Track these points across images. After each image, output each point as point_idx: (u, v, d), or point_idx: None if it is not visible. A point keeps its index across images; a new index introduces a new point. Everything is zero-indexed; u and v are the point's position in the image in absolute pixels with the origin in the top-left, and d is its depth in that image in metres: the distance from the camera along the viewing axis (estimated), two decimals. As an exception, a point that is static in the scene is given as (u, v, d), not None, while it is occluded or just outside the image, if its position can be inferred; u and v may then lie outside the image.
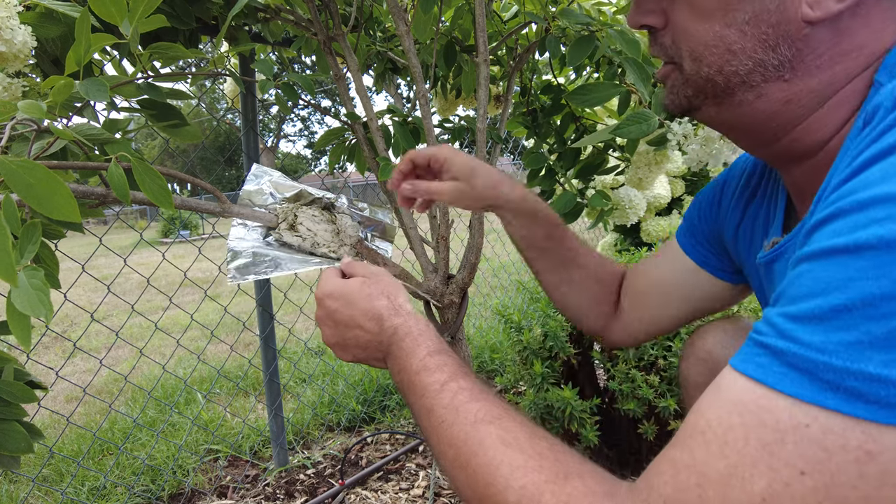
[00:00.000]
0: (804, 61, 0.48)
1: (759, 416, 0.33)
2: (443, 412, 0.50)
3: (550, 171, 1.31)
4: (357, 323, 0.64)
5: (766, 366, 0.34)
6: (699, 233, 0.80)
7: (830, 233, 0.34)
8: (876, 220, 0.31)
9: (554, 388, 1.45)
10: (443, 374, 0.53)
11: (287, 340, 3.18)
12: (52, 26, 0.78)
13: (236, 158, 22.43)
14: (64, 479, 1.77)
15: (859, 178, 0.35)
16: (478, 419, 0.47)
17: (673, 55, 0.55)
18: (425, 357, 0.56)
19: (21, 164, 0.51)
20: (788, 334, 0.34)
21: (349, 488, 1.66)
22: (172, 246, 9.52)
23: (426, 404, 0.52)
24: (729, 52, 0.50)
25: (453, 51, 1.25)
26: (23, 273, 0.52)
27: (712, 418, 0.35)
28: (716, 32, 0.50)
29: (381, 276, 0.69)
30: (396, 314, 0.63)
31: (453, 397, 0.50)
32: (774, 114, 0.51)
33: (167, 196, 0.70)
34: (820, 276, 0.33)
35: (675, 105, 0.57)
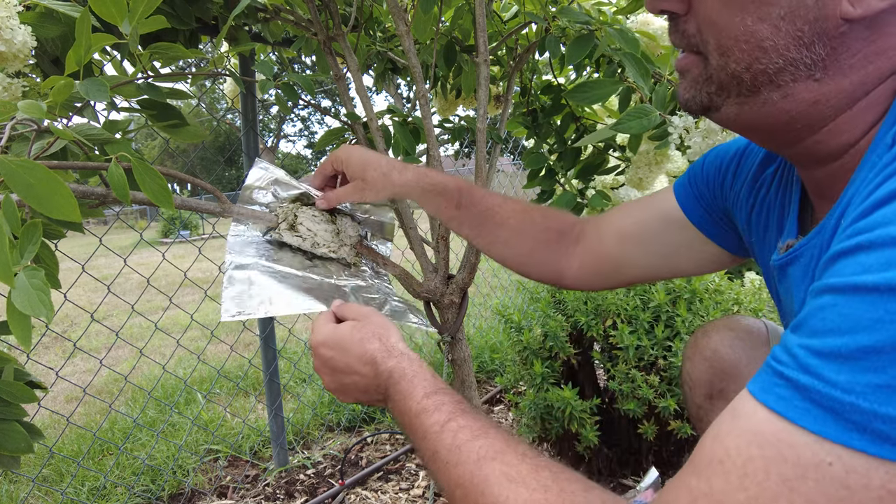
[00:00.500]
0: (838, 60, 0.45)
1: (780, 451, 0.33)
2: (446, 454, 0.50)
3: (550, 171, 1.31)
4: (353, 369, 0.65)
5: (788, 399, 0.34)
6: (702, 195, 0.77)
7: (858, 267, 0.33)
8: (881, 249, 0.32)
9: (554, 388, 1.45)
10: (441, 414, 0.54)
11: (287, 340, 3.18)
12: (51, 26, 0.78)
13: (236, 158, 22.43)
14: (64, 479, 1.77)
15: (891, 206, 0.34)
16: (481, 457, 0.48)
17: (697, 44, 0.51)
18: (422, 399, 0.57)
19: (21, 163, 0.51)
20: (812, 370, 0.33)
21: (349, 488, 1.66)
22: (172, 246, 9.52)
23: (430, 447, 0.53)
24: (759, 49, 0.46)
25: (453, 51, 1.25)
26: (23, 273, 0.52)
27: (731, 447, 0.35)
28: (747, 26, 0.46)
29: (371, 318, 0.70)
30: (390, 356, 0.63)
31: (455, 437, 0.51)
32: (800, 115, 0.49)
33: (167, 196, 0.70)
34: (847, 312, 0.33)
35: (694, 102, 0.54)
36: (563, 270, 0.88)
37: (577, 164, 1.31)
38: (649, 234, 0.80)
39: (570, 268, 0.87)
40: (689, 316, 1.41)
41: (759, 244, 0.68)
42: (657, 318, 1.44)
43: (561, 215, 0.91)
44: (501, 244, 0.89)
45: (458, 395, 0.57)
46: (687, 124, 0.96)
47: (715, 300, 1.48)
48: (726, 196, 0.74)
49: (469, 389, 1.13)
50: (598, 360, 1.55)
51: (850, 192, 0.44)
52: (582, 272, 0.87)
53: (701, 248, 0.78)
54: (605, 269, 0.85)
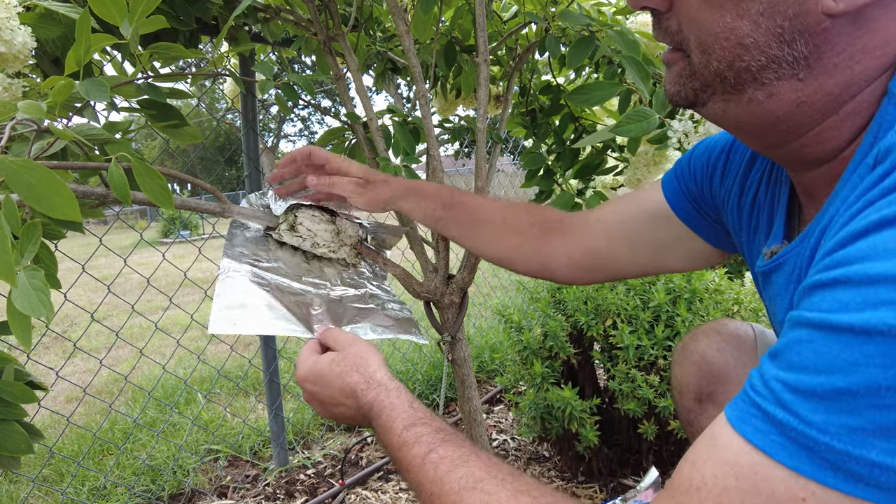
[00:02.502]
0: (821, 59, 0.44)
1: (756, 484, 0.33)
2: (430, 485, 0.52)
3: (549, 171, 1.31)
4: (337, 401, 0.68)
5: (765, 432, 0.34)
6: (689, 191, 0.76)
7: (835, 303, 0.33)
8: (886, 303, 0.31)
9: (554, 387, 1.45)
10: (422, 447, 0.55)
11: (287, 340, 3.18)
12: (51, 27, 0.78)
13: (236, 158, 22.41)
14: (64, 480, 1.77)
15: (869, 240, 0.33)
16: (462, 487, 0.49)
17: (680, 41, 0.51)
18: (402, 432, 0.58)
19: (22, 164, 0.51)
20: (788, 406, 0.34)
21: (349, 488, 1.66)
22: (172, 246, 9.52)
23: (414, 479, 0.54)
24: (741, 46, 0.45)
25: (453, 51, 1.25)
26: (23, 273, 0.53)
27: (708, 475, 0.35)
28: (727, 23, 0.46)
29: (350, 348, 0.71)
30: (369, 388, 0.65)
31: (436, 469, 0.52)
32: (786, 116, 0.47)
33: (167, 196, 0.70)
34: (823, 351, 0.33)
35: (679, 96, 0.54)
36: (551, 263, 0.88)
37: (576, 164, 1.31)
38: (637, 230, 0.80)
39: (559, 261, 0.87)
40: (690, 316, 1.41)
41: (749, 246, 0.68)
42: (657, 318, 1.44)
43: (546, 210, 0.93)
44: (489, 240, 0.91)
45: (437, 422, 0.58)
46: (686, 128, 0.96)
47: (715, 300, 1.48)
48: (715, 193, 0.73)
49: (469, 389, 1.13)
50: (598, 360, 1.55)
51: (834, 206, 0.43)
52: (571, 266, 0.87)
53: (689, 244, 0.78)
54: (595, 263, 0.85)
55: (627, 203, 0.83)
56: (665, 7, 0.51)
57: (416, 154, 1.16)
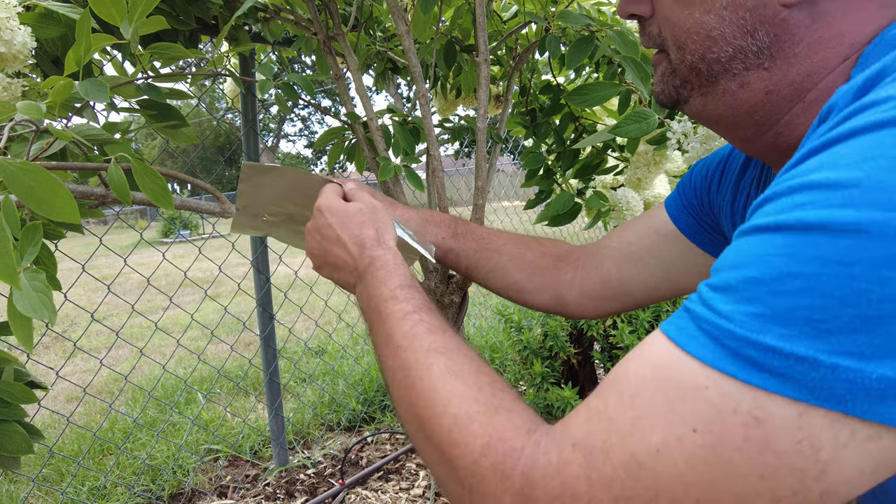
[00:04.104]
0: (783, 48, 0.47)
1: (668, 374, 0.35)
2: (400, 338, 0.53)
3: (549, 171, 1.31)
4: (342, 243, 0.69)
5: (684, 328, 0.36)
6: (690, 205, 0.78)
7: (761, 214, 0.36)
8: (799, 205, 0.33)
9: (554, 387, 1.45)
10: (409, 305, 0.57)
11: (287, 340, 3.18)
12: (51, 27, 0.78)
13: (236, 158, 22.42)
14: (64, 479, 1.77)
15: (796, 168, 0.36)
16: (431, 348, 0.51)
17: (661, 43, 0.55)
18: (396, 288, 0.60)
19: (21, 166, 0.51)
20: (706, 301, 0.36)
21: (349, 488, 1.66)
22: (172, 246, 9.53)
23: (387, 330, 0.56)
24: (709, 39, 0.50)
25: (453, 50, 1.25)
26: (24, 275, 0.53)
27: (630, 371, 0.38)
28: (696, 19, 0.50)
29: (377, 210, 0.74)
30: (378, 246, 0.68)
31: (413, 327, 0.54)
32: (757, 105, 0.50)
33: (167, 196, 0.70)
34: (742, 250, 0.36)
35: (664, 95, 0.57)
36: (564, 296, 0.87)
37: (576, 163, 1.31)
38: (643, 251, 0.81)
39: (571, 294, 0.87)
40: (689, 316, 1.41)
41: None
42: (657, 318, 1.44)
43: (556, 242, 0.92)
44: (500, 271, 0.89)
45: (428, 298, 0.60)
46: (685, 129, 0.96)
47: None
48: (713, 203, 0.74)
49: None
50: (599, 360, 1.55)
51: None
52: (584, 298, 0.86)
53: (695, 260, 0.78)
54: (607, 293, 0.85)
55: (634, 225, 0.84)
56: (649, 13, 0.56)
57: (416, 154, 1.16)
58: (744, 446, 0.32)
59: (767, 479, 0.32)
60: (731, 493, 0.33)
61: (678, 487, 0.33)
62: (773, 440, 0.32)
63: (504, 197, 4.25)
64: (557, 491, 0.36)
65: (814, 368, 0.31)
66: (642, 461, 0.34)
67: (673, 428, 0.34)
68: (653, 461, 0.34)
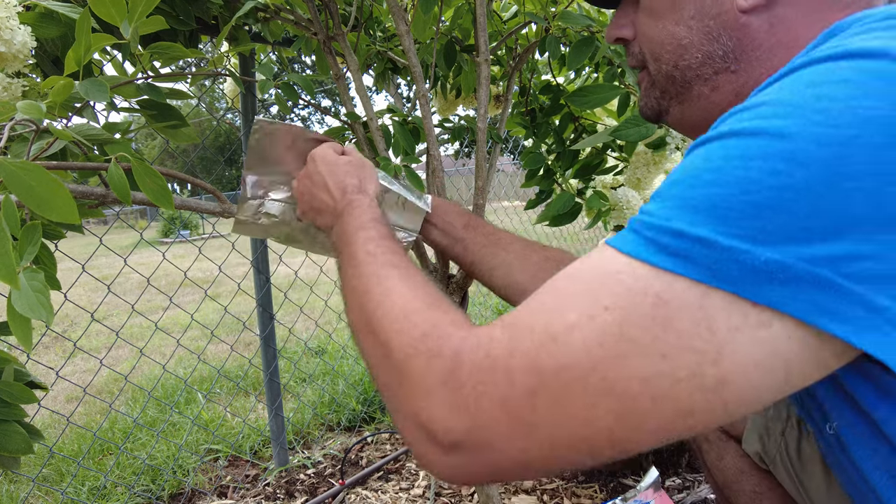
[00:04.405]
0: (745, 52, 0.51)
1: (594, 265, 0.39)
2: (363, 255, 0.60)
3: (549, 171, 1.30)
4: (327, 188, 0.76)
5: (619, 234, 0.40)
6: None
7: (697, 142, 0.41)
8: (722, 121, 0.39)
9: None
10: (374, 232, 0.64)
11: (287, 340, 3.18)
12: (51, 27, 0.78)
13: (236, 158, 22.42)
14: (64, 479, 1.77)
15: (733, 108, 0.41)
16: (387, 263, 0.57)
17: (643, 60, 0.60)
18: (367, 222, 0.67)
19: (21, 165, 0.51)
20: (640, 210, 0.40)
21: (349, 488, 1.66)
22: (172, 246, 9.52)
23: (352, 250, 0.62)
24: (681, 47, 0.54)
25: (453, 50, 1.25)
26: (23, 275, 0.52)
27: (574, 268, 0.41)
28: (668, 31, 0.55)
29: (365, 164, 0.81)
30: (359, 192, 0.75)
31: (375, 248, 0.60)
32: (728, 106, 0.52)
33: (167, 196, 0.70)
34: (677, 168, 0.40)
35: (647, 108, 0.62)
36: None
37: (576, 164, 1.31)
38: None
39: None
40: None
41: None
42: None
43: (560, 250, 0.92)
44: (504, 269, 0.89)
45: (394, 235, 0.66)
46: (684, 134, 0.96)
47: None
48: None
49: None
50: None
51: None
52: None
53: None
54: None
55: None
56: (632, 35, 0.61)
57: (416, 154, 1.16)
58: (650, 325, 0.35)
59: (669, 359, 0.34)
60: (635, 372, 0.35)
61: (586, 362, 0.35)
62: (675, 319, 0.34)
63: (504, 197, 4.25)
64: (480, 363, 0.39)
65: (713, 250, 0.34)
66: (557, 336, 0.37)
67: (588, 307, 0.36)
68: (566, 336, 0.36)
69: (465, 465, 0.40)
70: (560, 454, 0.37)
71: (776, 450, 0.82)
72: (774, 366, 0.34)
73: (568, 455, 0.37)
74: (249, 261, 1.70)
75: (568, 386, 0.36)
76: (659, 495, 1.00)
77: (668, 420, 0.35)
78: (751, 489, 0.88)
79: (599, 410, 0.35)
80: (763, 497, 0.87)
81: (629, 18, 0.61)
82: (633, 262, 0.37)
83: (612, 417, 0.35)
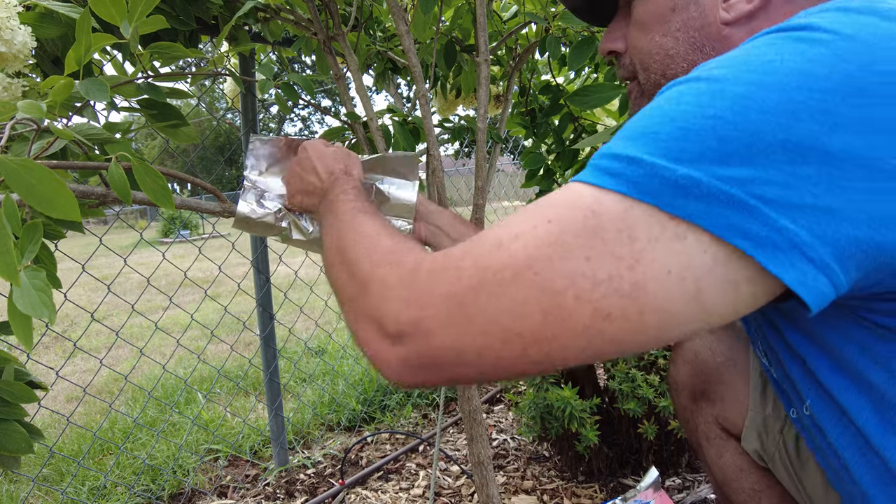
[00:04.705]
0: None
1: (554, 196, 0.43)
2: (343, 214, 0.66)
3: (549, 171, 1.31)
4: (316, 172, 0.83)
5: None
6: None
7: None
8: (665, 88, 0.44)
9: (554, 387, 1.45)
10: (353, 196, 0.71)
11: (287, 340, 3.18)
12: (51, 27, 0.78)
13: (236, 158, 22.41)
14: (64, 479, 1.77)
15: None
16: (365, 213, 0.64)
17: (633, 72, 0.64)
18: (349, 190, 0.74)
19: (22, 164, 0.51)
20: None
21: (349, 488, 1.66)
22: (173, 246, 9.53)
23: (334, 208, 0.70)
24: (668, 57, 0.58)
25: (453, 50, 1.25)
26: (24, 273, 0.53)
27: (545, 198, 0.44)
28: (656, 42, 0.59)
29: (351, 155, 0.87)
30: (344, 174, 0.81)
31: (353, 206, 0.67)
32: None
33: (168, 196, 0.70)
34: None
35: None
36: None
37: (576, 163, 1.31)
38: None
39: None
40: (689, 316, 1.41)
41: None
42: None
43: None
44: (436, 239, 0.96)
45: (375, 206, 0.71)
46: None
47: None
48: None
49: (469, 389, 1.13)
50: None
51: None
52: None
53: None
54: None
55: None
56: (623, 48, 0.65)
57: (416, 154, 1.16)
58: (580, 232, 0.39)
59: (591, 261, 0.39)
60: (562, 271, 0.39)
61: (523, 261, 0.40)
62: (602, 228, 0.39)
63: (504, 197, 4.25)
64: (437, 265, 0.45)
65: (640, 167, 0.39)
66: (503, 242, 0.42)
67: (534, 221, 0.41)
68: (510, 242, 0.41)
69: (408, 355, 0.44)
70: (493, 346, 0.41)
71: (775, 448, 0.82)
72: (687, 277, 0.38)
73: (501, 350, 0.41)
74: (249, 261, 1.70)
75: (505, 281, 0.40)
76: (659, 495, 1.00)
77: (588, 321, 0.39)
78: (750, 487, 0.88)
79: (530, 306, 0.40)
80: (762, 495, 0.87)
81: (621, 32, 0.65)
82: (579, 186, 0.42)
83: (540, 313, 0.39)
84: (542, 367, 0.42)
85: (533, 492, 1.55)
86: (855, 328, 0.46)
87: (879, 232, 0.37)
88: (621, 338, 0.39)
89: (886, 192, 0.37)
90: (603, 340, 0.39)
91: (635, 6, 0.61)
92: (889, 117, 0.37)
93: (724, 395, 0.89)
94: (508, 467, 1.70)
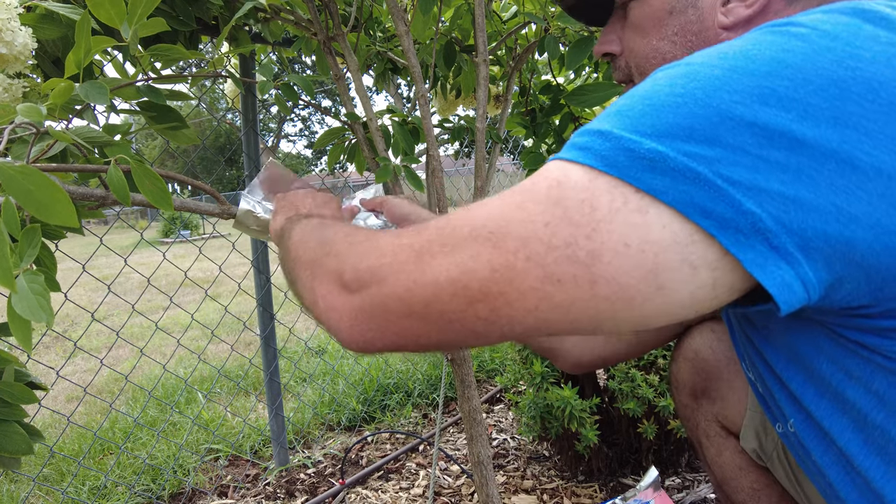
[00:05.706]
0: None
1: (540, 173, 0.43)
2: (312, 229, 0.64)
3: (550, 171, 1.30)
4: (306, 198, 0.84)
5: None
6: None
7: None
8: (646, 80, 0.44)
9: (554, 387, 1.45)
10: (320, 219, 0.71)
11: (287, 340, 3.18)
12: (52, 28, 0.78)
13: (236, 158, 22.40)
14: (65, 479, 1.78)
15: None
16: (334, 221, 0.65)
17: (629, 74, 0.64)
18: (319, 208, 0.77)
19: (20, 169, 0.51)
20: None
21: (349, 487, 1.66)
22: (173, 246, 9.54)
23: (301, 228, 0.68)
24: (664, 61, 0.58)
25: (453, 51, 1.25)
26: (23, 277, 0.53)
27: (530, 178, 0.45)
28: (653, 45, 0.59)
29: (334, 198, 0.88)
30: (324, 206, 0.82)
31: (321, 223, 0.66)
32: None
33: (166, 198, 0.70)
34: None
35: None
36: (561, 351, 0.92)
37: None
38: None
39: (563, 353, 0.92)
40: (689, 315, 1.41)
41: None
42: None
43: None
44: None
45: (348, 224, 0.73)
46: None
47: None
48: None
49: (469, 389, 1.13)
50: (598, 360, 1.55)
51: None
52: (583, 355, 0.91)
53: None
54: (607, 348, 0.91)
55: None
56: (619, 50, 0.65)
57: (416, 154, 1.16)
58: (543, 200, 0.40)
59: (549, 227, 0.39)
60: (517, 233, 0.40)
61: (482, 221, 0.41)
62: (564, 197, 0.39)
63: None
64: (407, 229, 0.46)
65: (608, 140, 0.40)
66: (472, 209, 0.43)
67: (507, 196, 0.42)
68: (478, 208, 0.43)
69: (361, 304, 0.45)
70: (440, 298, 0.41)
71: (773, 448, 0.83)
72: (645, 251, 0.37)
73: (448, 303, 0.41)
74: (250, 261, 1.70)
75: (461, 236, 0.42)
76: (659, 495, 1.01)
77: (536, 283, 0.39)
78: (749, 485, 0.88)
79: (480, 261, 0.40)
80: (761, 493, 0.88)
81: (616, 34, 0.64)
82: (551, 163, 0.43)
83: (489, 269, 0.40)
84: (489, 329, 0.41)
85: (533, 491, 1.55)
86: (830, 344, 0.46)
87: (849, 228, 0.37)
88: (570, 305, 0.39)
89: (859, 190, 0.36)
90: (551, 304, 0.39)
91: (631, 8, 0.61)
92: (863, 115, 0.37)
93: (725, 394, 0.89)
94: (508, 467, 1.70)
